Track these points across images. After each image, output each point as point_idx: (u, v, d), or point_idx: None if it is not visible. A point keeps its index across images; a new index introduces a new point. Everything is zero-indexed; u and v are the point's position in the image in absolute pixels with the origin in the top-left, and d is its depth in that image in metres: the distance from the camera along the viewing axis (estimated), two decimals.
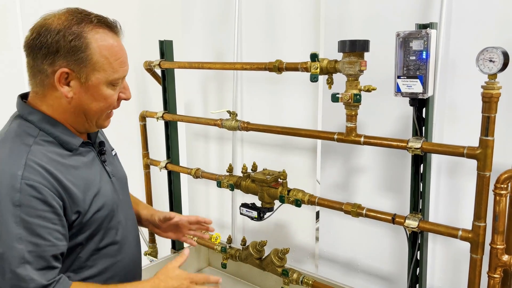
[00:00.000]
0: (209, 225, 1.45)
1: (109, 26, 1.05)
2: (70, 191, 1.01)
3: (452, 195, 1.66)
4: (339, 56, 1.43)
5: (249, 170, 1.82)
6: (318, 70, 1.47)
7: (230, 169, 1.90)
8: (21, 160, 0.96)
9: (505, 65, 1.15)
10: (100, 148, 1.18)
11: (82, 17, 1.01)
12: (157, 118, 2.11)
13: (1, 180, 0.94)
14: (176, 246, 2.28)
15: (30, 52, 1.02)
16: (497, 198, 1.21)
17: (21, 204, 0.93)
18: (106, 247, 1.13)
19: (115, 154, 1.29)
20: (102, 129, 1.28)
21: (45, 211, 0.95)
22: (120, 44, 1.07)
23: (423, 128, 1.39)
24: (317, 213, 2.18)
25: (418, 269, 1.49)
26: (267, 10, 2.10)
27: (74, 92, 1.03)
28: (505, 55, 1.15)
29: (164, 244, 2.33)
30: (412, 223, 1.40)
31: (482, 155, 1.23)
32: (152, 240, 2.26)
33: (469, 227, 1.30)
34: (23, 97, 1.11)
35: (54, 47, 0.99)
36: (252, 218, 1.76)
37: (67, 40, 0.98)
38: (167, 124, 2.15)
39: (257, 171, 1.81)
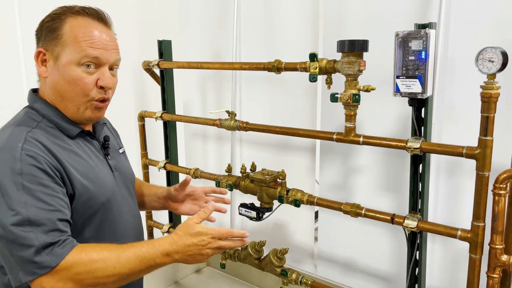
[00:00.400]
0: (224, 195, 1.44)
1: (90, 14, 1.08)
2: (68, 171, 1.03)
3: (451, 195, 1.66)
4: (338, 56, 1.43)
5: (248, 170, 1.82)
6: (317, 70, 1.47)
7: (229, 169, 1.89)
8: (21, 136, 1.00)
9: (504, 65, 1.15)
10: (104, 142, 1.21)
11: (68, 7, 1.08)
12: (156, 118, 2.10)
13: (3, 152, 0.97)
14: None
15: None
16: (496, 198, 1.21)
17: (22, 172, 0.95)
18: (103, 237, 1.12)
19: (123, 152, 1.32)
20: (115, 129, 1.37)
21: (46, 180, 0.98)
22: (98, 28, 1.08)
23: (422, 128, 1.39)
24: (316, 213, 2.18)
25: (417, 269, 1.49)
26: (266, 9, 2.10)
27: (49, 72, 1.07)
28: (504, 55, 1.15)
29: None
30: (411, 223, 1.40)
31: (481, 155, 1.23)
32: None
33: (468, 227, 1.30)
34: (35, 91, 1.16)
35: (39, 32, 1.08)
36: (251, 218, 1.76)
37: (46, 22, 1.07)
38: (166, 124, 2.15)
39: (256, 171, 1.81)
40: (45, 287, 0.94)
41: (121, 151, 1.31)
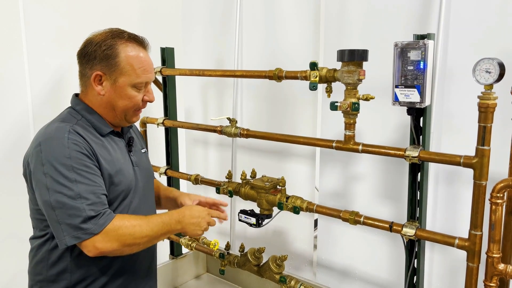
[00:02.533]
0: (224, 207, 1.61)
1: (137, 40, 1.31)
2: (99, 159, 1.24)
3: (449, 204, 1.67)
4: (338, 65, 1.45)
5: (248, 177, 1.83)
6: (317, 78, 1.49)
7: (229, 176, 1.91)
8: (66, 128, 1.23)
9: (501, 76, 1.17)
10: (129, 141, 1.41)
11: (117, 34, 1.29)
12: (158, 124, 2.12)
13: (52, 141, 1.20)
14: (175, 252, 2.29)
15: (79, 60, 1.32)
16: (493, 207, 1.22)
17: (70, 156, 1.18)
18: None
19: (145, 152, 1.52)
20: (140, 133, 1.59)
21: (89, 162, 1.20)
22: (145, 55, 1.32)
23: (421, 137, 1.41)
24: (316, 221, 2.19)
25: (415, 277, 1.49)
26: (268, 18, 2.13)
27: (105, 90, 1.29)
28: (501, 66, 1.17)
29: (163, 249, 2.34)
30: (409, 231, 1.41)
31: (478, 164, 1.24)
32: None
33: (466, 236, 1.31)
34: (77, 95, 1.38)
35: (93, 55, 1.27)
36: (250, 225, 1.77)
37: (102, 49, 1.26)
38: (167, 130, 2.17)
39: (256, 177, 1.82)
40: (97, 246, 1.16)
41: (143, 151, 1.50)
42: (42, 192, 1.18)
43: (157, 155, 2.33)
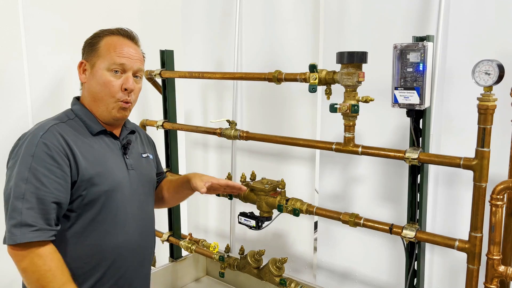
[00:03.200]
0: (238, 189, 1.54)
1: (122, 33, 1.33)
2: (76, 156, 1.22)
3: (450, 206, 1.67)
4: (337, 67, 1.45)
5: (247, 179, 1.83)
6: (317, 81, 1.49)
7: (229, 178, 1.91)
8: (46, 127, 1.22)
9: (500, 78, 1.17)
10: (125, 143, 1.38)
11: (107, 29, 1.33)
12: (157, 126, 2.12)
13: (29, 138, 1.20)
14: (175, 255, 2.28)
15: None
16: (493, 209, 1.22)
17: (34, 155, 1.16)
18: (101, 223, 1.26)
19: (147, 157, 1.49)
20: (151, 141, 1.60)
21: (52, 165, 1.17)
22: (126, 43, 1.32)
23: (420, 138, 1.40)
24: (315, 223, 2.19)
25: (415, 279, 1.49)
26: (267, 20, 2.13)
27: (87, 78, 1.31)
28: (500, 67, 1.17)
29: (163, 252, 2.34)
30: (409, 233, 1.41)
31: (478, 166, 1.24)
32: None
33: (466, 238, 1.31)
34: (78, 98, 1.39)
35: (84, 49, 1.34)
36: (250, 227, 1.77)
37: (88, 40, 1.33)
38: (167, 133, 2.17)
39: (255, 180, 1.82)
40: (11, 253, 1.13)
41: (144, 155, 1.47)
42: (5, 184, 1.19)
43: None
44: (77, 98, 1.38)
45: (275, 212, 1.73)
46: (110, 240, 1.28)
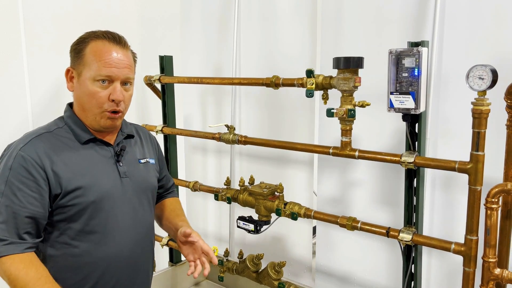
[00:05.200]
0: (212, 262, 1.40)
1: (109, 38, 1.25)
2: (57, 169, 1.19)
3: (446, 209, 1.68)
4: (334, 72, 1.47)
5: (246, 183, 1.84)
6: (314, 86, 1.51)
7: (228, 182, 1.92)
8: (27, 139, 1.20)
9: (494, 82, 1.19)
10: (118, 150, 1.33)
11: (92, 32, 1.26)
12: (157, 131, 2.14)
13: (10, 149, 1.19)
14: (174, 259, 2.29)
15: None
16: (488, 212, 1.23)
17: (11, 167, 1.15)
18: (90, 234, 1.23)
19: (146, 162, 1.41)
20: (153, 142, 1.51)
21: (27, 179, 1.15)
22: (113, 50, 1.23)
23: (416, 142, 1.42)
24: (314, 227, 2.20)
25: (412, 282, 1.50)
26: (265, 26, 2.15)
27: (74, 87, 1.26)
28: (494, 72, 1.19)
29: (162, 256, 2.34)
30: (406, 237, 1.42)
31: (473, 169, 1.25)
32: None
33: (462, 241, 1.32)
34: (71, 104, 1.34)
35: (70, 53, 1.28)
36: (249, 231, 1.78)
37: (75, 45, 1.26)
38: (166, 138, 2.18)
39: (254, 184, 1.83)
40: None
41: (142, 161, 1.40)
42: None
43: None
44: (70, 105, 1.34)
45: (273, 216, 1.74)
46: (99, 250, 1.24)
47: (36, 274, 1.13)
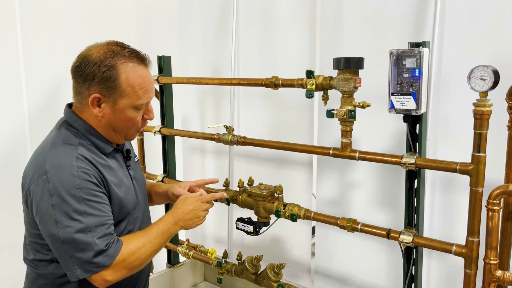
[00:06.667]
0: (216, 183, 1.61)
1: (139, 58, 1.24)
2: (108, 184, 1.22)
3: (447, 211, 1.67)
4: (334, 73, 1.46)
5: (245, 185, 1.83)
6: (314, 86, 1.50)
7: (227, 184, 1.91)
8: (73, 154, 1.18)
9: (495, 83, 1.18)
10: (127, 154, 1.37)
11: (117, 51, 1.20)
12: (155, 132, 2.12)
13: (62, 170, 1.14)
14: (172, 261, 2.28)
15: (73, 76, 1.23)
16: (490, 213, 1.22)
17: (80, 187, 1.14)
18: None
19: (137, 159, 1.48)
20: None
21: (97, 191, 1.17)
22: (146, 74, 1.25)
23: (417, 144, 1.41)
24: (313, 228, 2.19)
25: (413, 284, 1.49)
26: (264, 26, 2.14)
27: (104, 113, 1.22)
28: (496, 73, 1.18)
29: (160, 257, 2.33)
30: (407, 238, 1.41)
31: (474, 171, 1.25)
32: None
33: (463, 243, 1.31)
34: (70, 105, 1.31)
35: (91, 76, 1.18)
36: (248, 233, 1.77)
37: (101, 71, 1.18)
38: (164, 139, 2.17)
39: (253, 185, 1.82)
40: (107, 279, 1.15)
41: (136, 159, 1.47)
42: (49, 225, 1.13)
43: (154, 163, 2.33)
44: (70, 106, 1.29)
45: (272, 217, 1.73)
46: None
47: (139, 238, 1.23)
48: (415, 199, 1.45)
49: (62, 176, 1.13)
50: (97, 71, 1.17)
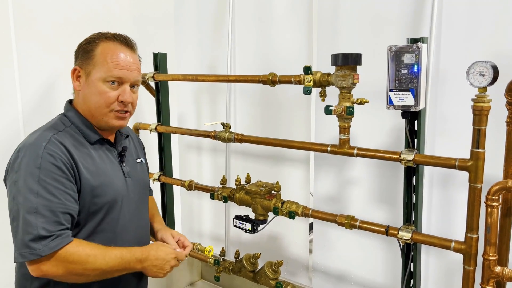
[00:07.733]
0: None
1: (119, 39, 1.27)
2: (80, 170, 1.20)
3: (445, 207, 1.67)
4: (332, 69, 1.45)
5: (242, 182, 1.82)
6: (311, 83, 1.49)
7: (224, 181, 1.90)
8: (47, 137, 1.18)
9: (494, 79, 1.17)
10: (121, 150, 1.36)
11: (102, 33, 1.27)
12: (150, 130, 2.11)
13: (30, 149, 1.16)
14: None
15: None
16: (489, 209, 1.22)
17: (41, 167, 1.13)
18: (103, 232, 1.26)
19: (141, 162, 1.47)
20: (141, 143, 1.54)
21: (60, 176, 1.15)
22: (124, 52, 1.26)
23: (415, 140, 1.41)
24: (311, 225, 2.18)
25: (411, 281, 1.49)
26: (261, 23, 2.13)
27: (81, 85, 1.25)
28: (495, 68, 1.17)
29: None
30: (405, 235, 1.41)
31: (473, 167, 1.24)
32: None
33: (462, 239, 1.31)
34: (70, 102, 1.34)
35: (77, 53, 1.28)
36: (245, 230, 1.76)
37: (83, 44, 1.26)
38: (160, 136, 2.15)
39: (250, 183, 1.81)
40: (42, 268, 1.11)
41: (138, 161, 1.45)
42: (9, 200, 1.16)
43: (150, 161, 2.29)
44: (70, 102, 1.33)
45: (270, 215, 1.72)
46: None
47: (94, 248, 1.17)
48: (414, 196, 1.45)
49: (28, 155, 1.15)
50: (81, 47, 1.27)
